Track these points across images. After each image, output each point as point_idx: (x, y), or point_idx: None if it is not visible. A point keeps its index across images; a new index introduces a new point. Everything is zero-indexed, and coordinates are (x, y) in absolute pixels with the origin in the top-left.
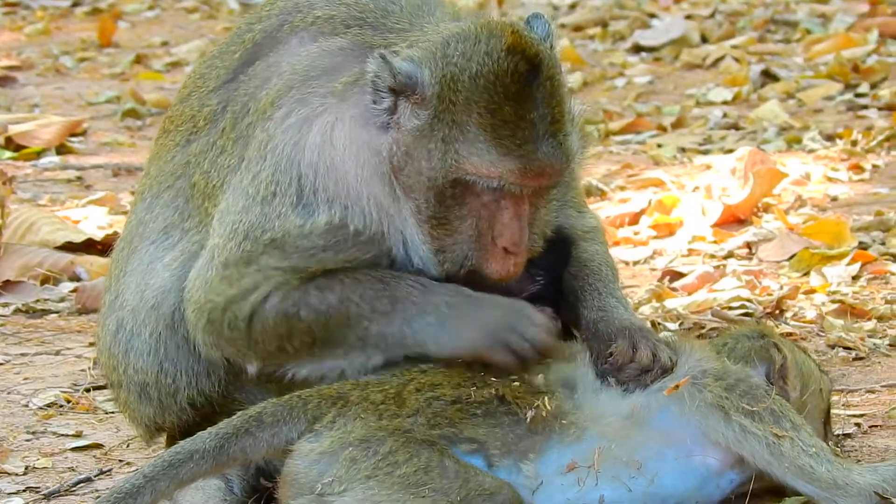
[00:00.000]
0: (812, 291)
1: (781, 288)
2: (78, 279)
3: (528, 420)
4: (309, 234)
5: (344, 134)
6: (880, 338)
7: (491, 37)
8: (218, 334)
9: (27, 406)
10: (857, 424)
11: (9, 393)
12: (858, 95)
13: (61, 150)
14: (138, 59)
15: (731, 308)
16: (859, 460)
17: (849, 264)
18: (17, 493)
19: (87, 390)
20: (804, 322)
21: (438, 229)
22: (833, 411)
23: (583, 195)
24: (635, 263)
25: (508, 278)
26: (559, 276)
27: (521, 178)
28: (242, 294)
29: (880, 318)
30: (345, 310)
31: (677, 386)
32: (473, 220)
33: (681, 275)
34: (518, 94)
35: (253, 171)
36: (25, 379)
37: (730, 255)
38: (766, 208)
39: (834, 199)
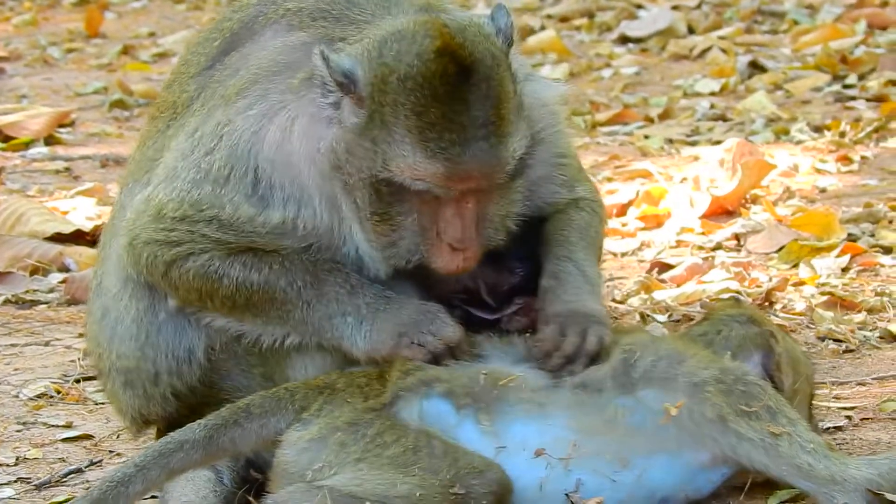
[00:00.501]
0: (801, 283)
1: (770, 280)
2: (67, 270)
3: (484, 377)
4: (260, 224)
5: (300, 130)
6: (870, 330)
7: (424, 37)
8: (136, 263)
9: (17, 397)
10: (848, 417)
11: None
12: (846, 86)
13: (49, 140)
14: (125, 50)
15: (720, 300)
16: (851, 453)
17: (838, 256)
18: (8, 483)
19: (77, 381)
20: (794, 314)
21: (381, 226)
22: (823, 404)
23: (574, 167)
24: (623, 255)
25: (460, 273)
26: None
27: (447, 182)
28: (168, 244)
29: (870, 311)
30: (269, 290)
31: (677, 407)
32: (414, 217)
33: (669, 266)
34: (446, 96)
35: (206, 146)
36: (15, 370)
37: (718, 246)
38: (755, 200)
39: (822, 190)
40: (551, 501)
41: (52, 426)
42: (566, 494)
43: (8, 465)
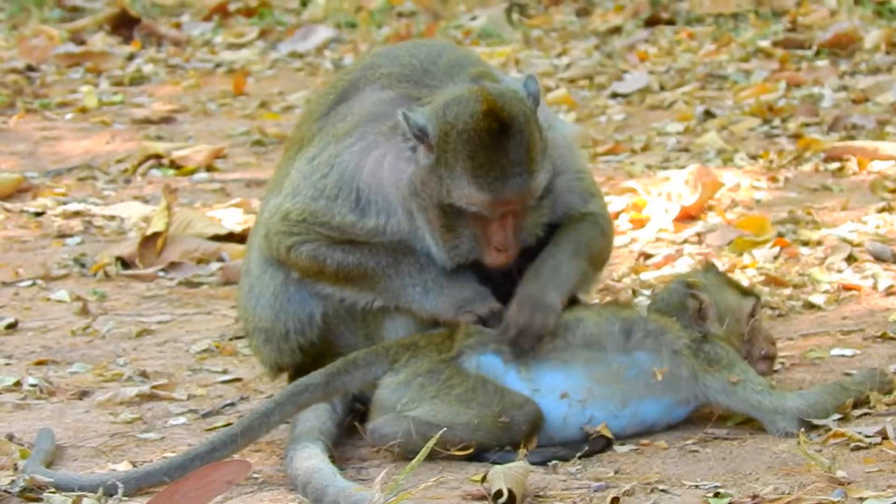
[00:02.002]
0: (745, 267)
1: (723, 265)
2: (222, 260)
3: None
4: (359, 228)
5: (388, 164)
6: (796, 301)
7: (475, 102)
8: (269, 247)
9: (188, 351)
10: (781, 363)
11: (175, 342)
12: (773, 127)
13: (209, 168)
14: (262, 104)
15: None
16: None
17: (771, 248)
18: (182, 413)
19: (231, 340)
20: None
21: (447, 235)
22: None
23: (588, 184)
24: (618, 248)
25: (503, 266)
26: None
27: (492, 206)
28: (289, 234)
29: (795, 286)
30: (361, 267)
31: (662, 372)
32: (470, 229)
33: (651, 255)
34: (491, 145)
35: (321, 171)
36: (186, 332)
37: (685, 241)
38: (711, 208)
39: (758, 201)
40: (571, 431)
41: (213, 372)
42: (581, 427)
43: (182, 400)
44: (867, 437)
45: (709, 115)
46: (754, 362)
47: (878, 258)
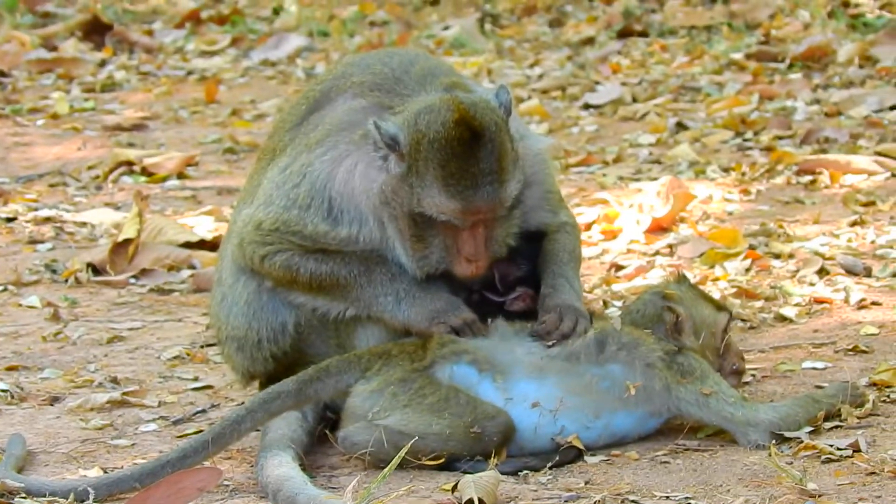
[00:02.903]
0: (717, 279)
1: (695, 276)
2: (193, 268)
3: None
4: (332, 237)
5: (360, 173)
6: (767, 313)
7: (447, 110)
8: (242, 257)
9: (159, 358)
10: (753, 375)
11: (146, 349)
12: (745, 140)
13: (180, 176)
14: (234, 112)
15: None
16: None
17: (743, 260)
18: (152, 420)
19: (202, 347)
20: None
21: (417, 244)
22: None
23: (557, 198)
24: (589, 259)
25: (474, 277)
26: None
27: (462, 215)
28: (262, 244)
29: (766, 299)
30: (334, 276)
31: (635, 386)
32: (440, 238)
33: (622, 266)
34: (462, 154)
35: (293, 181)
36: (157, 339)
37: (657, 253)
38: (682, 220)
39: (730, 213)
40: (542, 441)
41: (184, 379)
42: (552, 438)
43: (153, 407)
44: (839, 449)
45: (681, 126)
46: (725, 376)
47: (850, 271)
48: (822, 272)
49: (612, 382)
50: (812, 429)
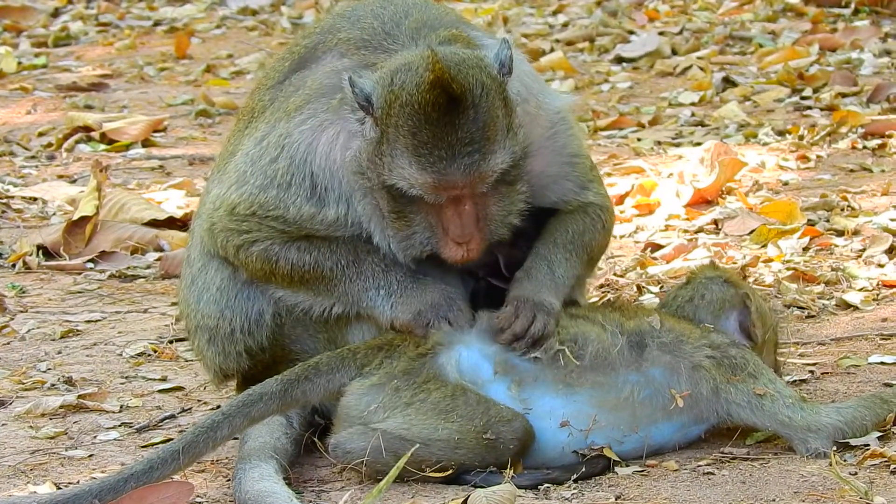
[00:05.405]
0: (770, 261)
1: (744, 257)
2: (161, 250)
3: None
4: (318, 221)
5: (342, 143)
6: (828, 299)
7: (424, 69)
8: (214, 244)
9: (121, 355)
10: (811, 372)
11: (105, 344)
12: (804, 98)
13: (146, 143)
14: (208, 69)
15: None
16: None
17: (800, 238)
18: (113, 427)
19: (171, 342)
20: (764, 286)
21: (397, 223)
22: (791, 361)
23: (585, 168)
24: (621, 237)
25: (465, 262)
26: None
27: (434, 190)
28: (238, 232)
29: (828, 283)
30: (318, 268)
31: (682, 396)
32: (423, 216)
33: (660, 246)
34: (436, 121)
35: (270, 154)
36: (119, 333)
37: (700, 230)
38: (730, 191)
39: (785, 183)
40: (569, 459)
41: (150, 379)
42: (574, 451)
43: (113, 412)
44: None
45: (729, 83)
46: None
47: None
48: (891, 251)
49: (654, 390)
50: (880, 434)
